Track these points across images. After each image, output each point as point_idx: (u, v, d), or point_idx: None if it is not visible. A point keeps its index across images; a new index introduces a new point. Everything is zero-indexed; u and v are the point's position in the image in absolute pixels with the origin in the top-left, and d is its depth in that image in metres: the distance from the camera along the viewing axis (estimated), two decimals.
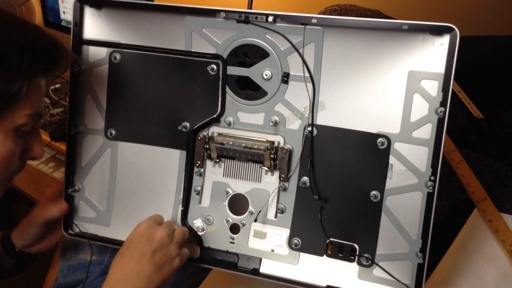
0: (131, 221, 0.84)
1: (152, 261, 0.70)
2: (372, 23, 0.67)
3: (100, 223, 0.87)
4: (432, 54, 0.67)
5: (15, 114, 0.63)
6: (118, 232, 0.86)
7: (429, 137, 0.68)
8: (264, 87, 0.75)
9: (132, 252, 0.71)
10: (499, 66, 1.56)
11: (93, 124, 0.84)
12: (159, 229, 0.73)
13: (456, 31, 0.64)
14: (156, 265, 0.70)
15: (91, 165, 0.86)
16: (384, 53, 0.69)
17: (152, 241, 0.71)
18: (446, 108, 0.66)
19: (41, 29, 0.66)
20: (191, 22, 0.75)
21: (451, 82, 0.65)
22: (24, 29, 0.63)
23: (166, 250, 0.72)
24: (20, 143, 0.66)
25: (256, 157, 0.76)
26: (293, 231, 0.78)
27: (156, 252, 0.71)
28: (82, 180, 0.86)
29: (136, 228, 0.74)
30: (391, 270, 0.73)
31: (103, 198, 0.86)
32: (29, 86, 0.62)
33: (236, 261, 0.81)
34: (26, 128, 0.66)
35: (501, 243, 0.86)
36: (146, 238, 0.72)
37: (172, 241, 0.73)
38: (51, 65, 0.65)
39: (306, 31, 0.70)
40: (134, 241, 0.72)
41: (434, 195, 0.68)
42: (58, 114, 1.55)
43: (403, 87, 0.69)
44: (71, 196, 0.87)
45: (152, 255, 0.70)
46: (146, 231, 0.73)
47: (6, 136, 0.63)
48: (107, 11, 0.80)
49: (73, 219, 0.88)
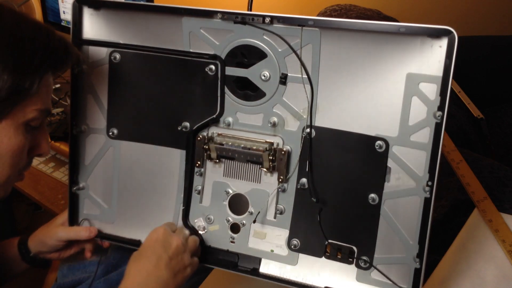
0: (135, 218, 0.86)
1: (169, 267, 0.72)
2: (369, 26, 0.66)
3: (105, 220, 0.88)
4: (430, 56, 0.65)
5: (26, 109, 0.65)
6: (123, 229, 0.87)
7: (427, 141, 0.67)
8: (263, 88, 0.75)
9: (150, 256, 0.72)
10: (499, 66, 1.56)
11: (95, 124, 0.85)
12: (175, 237, 0.75)
13: (454, 34, 0.63)
14: (172, 271, 0.72)
15: (94, 164, 0.86)
16: (382, 55, 0.68)
17: (168, 248, 0.73)
18: (444, 112, 0.65)
19: (51, 28, 0.69)
20: (188, 22, 0.75)
21: (449, 86, 0.64)
22: (36, 28, 0.66)
23: (180, 258, 0.74)
24: (29, 138, 0.68)
25: (255, 158, 0.76)
26: (292, 232, 0.78)
27: (172, 259, 0.73)
28: (86, 178, 0.87)
29: (153, 234, 0.75)
30: (389, 273, 0.73)
31: (107, 196, 0.87)
32: (40, 82, 0.65)
33: (236, 261, 0.81)
34: (36, 123, 0.68)
35: (501, 243, 0.86)
36: (162, 244, 0.73)
37: (185, 250, 0.75)
38: (60, 62, 0.69)
39: (304, 32, 0.70)
40: (151, 246, 0.73)
41: (431, 200, 0.67)
42: (58, 114, 1.55)
43: (402, 89, 0.68)
44: (76, 194, 0.88)
45: (168, 261, 0.72)
46: (163, 237, 0.74)
47: (17, 130, 0.66)
48: (105, 12, 0.80)
49: (78, 216, 0.89)
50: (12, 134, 0.65)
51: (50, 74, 0.68)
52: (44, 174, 1.55)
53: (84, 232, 0.87)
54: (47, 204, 1.46)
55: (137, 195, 0.85)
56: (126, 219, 0.87)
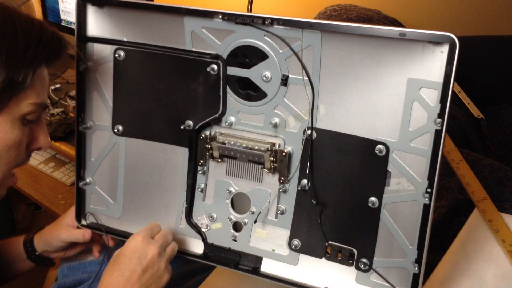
0: (140, 213, 0.87)
1: (141, 281, 0.72)
2: (369, 30, 0.66)
3: (111, 215, 0.89)
4: (431, 62, 0.64)
5: (21, 103, 0.65)
6: (128, 224, 0.88)
7: (427, 148, 0.67)
8: (264, 88, 0.75)
9: (123, 269, 0.72)
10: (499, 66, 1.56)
11: (101, 120, 0.86)
12: (151, 246, 0.74)
13: (455, 40, 0.61)
14: (144, 285, 0.72)
15: (100, 160, 0.87)
16: (383, 59, 0.67)
17: (143, 259, 0.73)
18: (444, 119, 0.64)
19: (44, 22, 0.69)
20: (190, 22, 0.75)
21: (450, 92, 0.63)
22: (29, 22, 0.66)
23: (156, 268, 0.74)
24: (26, 133, 0.68)
25: (257, 158, 0.76)
26: (293, 233, 0.78)
27: (146, 271, 0.72)
28: (92, 174, 0.88)
29: (131, 242, 0.75)
30: (388, 276, 0.73)
31: (113, 191, 0.88)
32: (34, 75, 0.65)
33: (238, 260, 0.81)
34: (32, 117, 0.68)
35: (501, 243, 0.86)
36: (138, 255, 0.73)
37: (162, 259, 0.75)
38: (54, 55, 0.69)
39: (304, 34, 0.70)
40: (127, 256, 0.73)
41: (430, 207, 0.67)
42: (58, 114, 1.55)
43: (403, 94, 0.67)
44: (82, 189, 0.89)
45: (141, 274, 0.72)
46: (140, 246, 0.74)
47: (13, 124, 0.66)
48: (109, 9, 0.80)
49: (85, 210, 0.90)
50: (8, 129, 0.65)
51: (44, 67, 0.68)
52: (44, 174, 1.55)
53: (80, 235, 0.88)
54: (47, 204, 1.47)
55: (142, 191, 0.86)
56: (131, 214, 0.88)
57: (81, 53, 0.82)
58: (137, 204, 0.87)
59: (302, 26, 0.69)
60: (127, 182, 0.87)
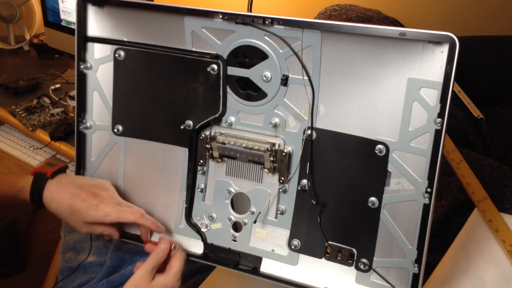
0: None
1: None
2: (370, 30, 0.65)
3: None
4: (432, 61, 0.64)
5: None
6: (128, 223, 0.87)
7: (427, 148, 0.67)
8: (264, 88, 0.75)
9: None
10: (499, 66, 1.56)
11: (101, 120, 0.86)
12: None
13: (455, 40, 0.61)
14: None
15: (100, 160, 0.88)
16: (383, 59, 0.67)
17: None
18: (444, 119, 0.64)
19: None
20: (190, 22, 0.75)
21: (450, 92, 0.63)
22: None
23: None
24: None
25: (257, 158, 0.76)
26: (293, 233, 0.78)
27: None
28: (92, 174, 0.88)
29: (131, 282, 0.72)
30: (388, 276, 0.73)
31: None
32: None
33: (238, 260, 0.81)
34: None
35: (501, 243, 0.86)
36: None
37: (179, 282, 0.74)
38: None
39: (304, 34, 0.70)
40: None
41: (430, 207, 0.67)
42: (58, 114, 1.55)
43: (402, 94, 0.67)
44: None
45: None
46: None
47: None
48: (109, 9, 0.80)
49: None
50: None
51: None
52: None
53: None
54: None
55: (142, 191, 0.86)
56: None
57: (81, 53, 0.82)
58: (136, 204, 0.86)
59: (302, 26, 0.69)
60: (127, 181, 0.87)
